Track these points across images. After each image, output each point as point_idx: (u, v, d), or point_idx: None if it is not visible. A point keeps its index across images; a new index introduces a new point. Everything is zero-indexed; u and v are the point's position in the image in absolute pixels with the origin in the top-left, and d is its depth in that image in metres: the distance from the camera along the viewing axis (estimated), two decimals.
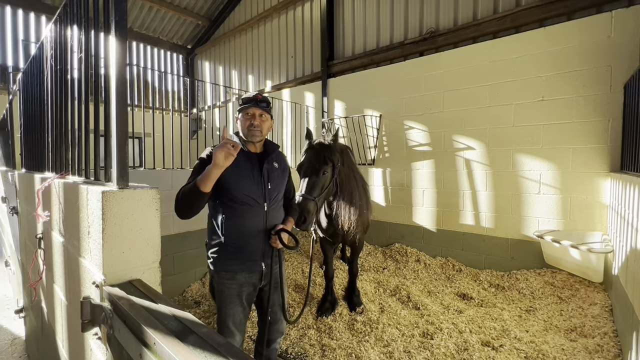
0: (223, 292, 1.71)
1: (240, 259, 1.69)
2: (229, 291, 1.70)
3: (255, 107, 1.73)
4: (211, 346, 0.63)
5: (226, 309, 1.71)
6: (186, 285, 3.81)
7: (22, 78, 2.66)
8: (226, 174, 1.56)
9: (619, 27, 3.05)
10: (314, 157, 2.40)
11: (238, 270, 1.69)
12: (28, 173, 2.32)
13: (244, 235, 1.68)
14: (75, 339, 1.29)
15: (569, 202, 3.32)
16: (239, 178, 1.66)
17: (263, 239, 1.73)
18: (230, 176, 1.62)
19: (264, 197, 1.72)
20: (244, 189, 1.66)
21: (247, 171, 1.70)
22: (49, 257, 1.64)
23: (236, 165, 1.62)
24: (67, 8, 1.46)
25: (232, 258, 1.69)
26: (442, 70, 4.19)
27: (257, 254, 1.72)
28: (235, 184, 1.65)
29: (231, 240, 1.67)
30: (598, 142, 3.16)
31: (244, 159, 1.70)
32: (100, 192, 0.97)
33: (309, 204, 2.23)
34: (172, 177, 3.64)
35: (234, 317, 1.72)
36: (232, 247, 1.68)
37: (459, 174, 4.08)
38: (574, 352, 2.27)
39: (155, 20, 8.30)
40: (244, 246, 1.68)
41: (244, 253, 1.69)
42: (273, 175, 1.78)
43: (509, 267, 3.68)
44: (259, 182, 1.71)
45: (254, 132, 1.73)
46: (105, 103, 1.09)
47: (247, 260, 1.70)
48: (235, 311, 1.72)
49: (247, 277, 1.72)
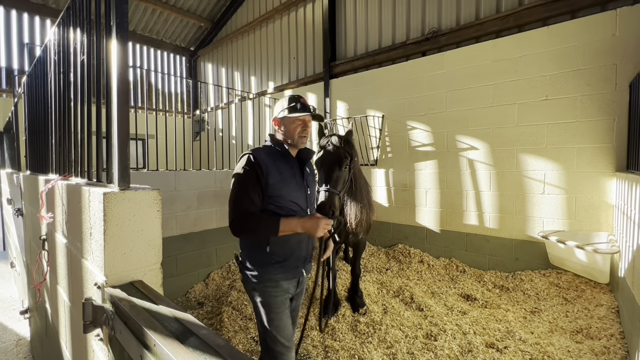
0: (270, 303, 1.60)
1: (284, 267, 1.62)
2: (276, 300, 1.60)
3: (309, 115, 1.68)
4: (211, 348, 0.63)
5: (275, 321, 1.59)
6: (189, 286, 3.82)
7: (26, 81, 2.69)
8: (273, 180, 1.55)
9: (624, 25, 3.01)
10: (336, 151, 2.34)
11: (281, 279, 1.61)
12: (32, 175, 2.34)
13: (290, 244, 1.61)
14: (78, 340, 1.29)
15: (574, 202, 3.29)
16: (285, 184, 1.60)
17: (306, 245, 1.68)
18: (277, 182, 1.57)
19: (306, 202, 1.69)
20: (290, 195, 1.61)
21: (291, 177, 1.63)
22: (53, 259, 1.65)
23: (279, 171, 1.59)
24: (70, 11, 1.47)
25: (277, 267, 1.61)
26: (444, 70, 4.18)
27: (299, 261, 1.66)
28: (282, 190, 1.59)
29: (277, 249, 1.59)
30: (603, 141, 3.13)
31: (285, 164, 1.65)
32: (101, 193, 0.97)
33: (334, 197, 2.09)
34: (175, 179, 3.65)
35: (285, 330, 1.61)
36: (278, 256, 1.60)
37: (462, 174, 4.06)
38: (580, 354, 2.24)
39: (158, 22, 8.36)
40: (289, 255, 1.62)
41: (288, 261, 1.62)
42: (309, 181, 1.75)
43: (513, 267, 3.65)
44: (301, 187, 1.67)
45: (304, 140, 1.68)
46: (107, 105, 1.10)
47: (290, 268, 1.63)
48: (285, 323, 1.62)
49: (290, 285, 1.65)
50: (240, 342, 2.67)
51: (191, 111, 9.27)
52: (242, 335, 2.76)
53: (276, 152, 1.67)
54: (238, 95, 7.45)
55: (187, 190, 3.75)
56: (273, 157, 1.62)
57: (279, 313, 1.60)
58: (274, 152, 1.66)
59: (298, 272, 1.66)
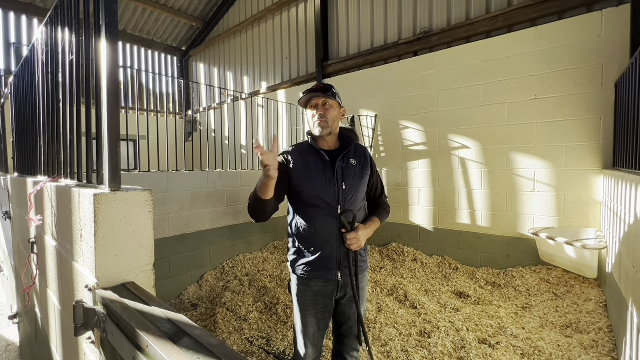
0: (299, 298, 1.60)
1: (313, 265, 1.55)
2: (303, 298, 1.58)
3: (317, 97, 1.55)
4: (204, 347, 0.63)
5: (300, 316, 1.60)
6: (183, 288, 3.79)
7: (13, 81, 2.64)
8: (296, 176, 1.52)
9: (609, 26, 3.08)
10: None
11: (312, 277, 1.55)
12: (20, 177, 2.29)
13: (316, 241, 1.54)
14: (69, 343, 1.28)
15: (563, 200, 3.35)
16: (309, 179, 1.53)
17: (338, 246, 1.53)
18: (300, 178, 1.53)
19: (337, 199, 1.53)
20: (314, 190, 1.52)
21: (318, 172, 1.54)
22: (42, 262, 1.62)
23: (306, 166, 1.54)
24: (58, 10, 1.45)
25: (306, 264, 1.56)
26: (436, 70, 4.22)
27: (331, 262, 1.54)
28: (306, 185, 1.52)
29: (304, 245, 1.56)
30: (590, 139, 3.20)
31: (314, 158, 1.57)
32: (92, 195, 0.96)
33: None
34: (168, 180, 3.62)
35: (306, 328, 1.58)
36: (306, 252, 1.57)
37: (455, 173, 4.10)
38: (570, 348, 2.29)
39: (149, 22, 8.26)
40: (316, 253, 1.54)
41: (317, 260, 1.54)
42: (348, 174, 1.57)
43: (504, 264, 3.70)
44: (331, 182, 1.53)
45: (320, 124, 1.54)
46: (97, 105, 1.09)
47: (321, 268, 1.54)
48: (308, 322, 1.58)
49: (321, 286, 1.56)
50: (235, 343, 2.66)
51: (183, 112, 9.19)
52: (237, 336, 2.76)
53: (308, 148, 1.61)
54: (230, 95, 7.41)
55: (179, 192, 3.72)
56: (304, 153, 1.59)
57: (304, 311, 1.58)
58: (306, 148, 1.62)
59: (332, 275, 1.54)
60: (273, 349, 2.58)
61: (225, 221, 4.24)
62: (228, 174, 4.26)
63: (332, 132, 1.60)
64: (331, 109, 1.57)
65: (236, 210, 4.36)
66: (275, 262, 4.29)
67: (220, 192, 4.13)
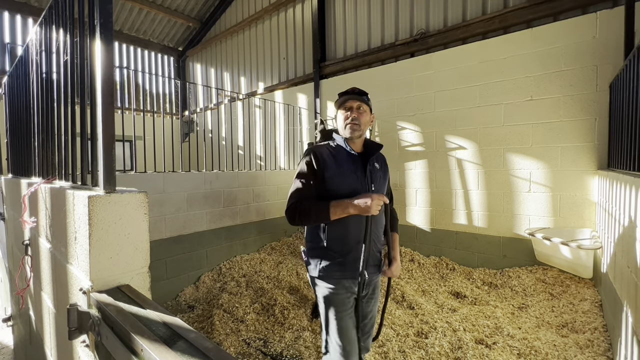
0: (331, 300, 1.54)
1: (342, 265, 1.54)
2: (337, 297, 1.53)
3: (353, 99, 1.58)
4: (199, 351, 0.62)
5: (337, 321, 1.51)
6: (179, 289, 3.77)
7: (7, 81, 2.61)
8: (330, 176, 1.52)
9: (603, 28, 3.11)
10: None
11: (341, 277, 1.54)
12: (14, 178, 2.27)
13: (347, 241, 1.54)
14: (63, 347, 1.26)
15: (559, 200, 3.37)
16: (342, 177, 1.54)
17: (367, 245, 1.55)
18: (334, 178, 1.53)
19: None
20: (348, 189, 1.53)
21: (350, 172, 1.56)
22: (36, 264, 1.60)
23: (338, 165, 1.54)
24: (53, 10, 1.44)
25: (335, 264, 1.54)
26: (432, 71, 4.23)
27: (359, 261, 1.54)
28: (339, 184, 1.53)
29: (333, 245, 1.54)
30: (585, 140, 3.22)
31: (345, 159, 1.58)
32: (86, 197, 0.95)
33: None
34: (164, 181, 3.60)
35: (347, 334, 1.51)
36: (335, 252, 1.54)
37: (452, 174, 4.12)
38: (566, 347, 2.30)
39: (146, 22, 8.23)
40: (347, 253, 1.54)
41: (346, 260, 1.54)
42: (376, 177, 1.62)
43: (501, 265, 3.72)
44: (362, 183, 1.56)
45: (353, 127, 1.58)
46: (92, 106, 1.08)
47: (350, 267, 1.54)
48: (347, 325, 1.52)
49: (352, 286, 1.56)
50: (232, 344, 2.65)
51: (180, 112, 9.15)
52: (234, 337, 2.74)
53: (337, 147, 1.63)
54: (227, 96, 7.39)
55: (176, 192, 3.70)
56: (334, 152, 1.59)
57: (340, 312, 1.52)
58: (336, 147, 1.63)
59: (360, 274, 1.54)
60: (270, 351, 2.57)
61: (222, 222, 4.22)
62: (225, 175, 4.25)
63: (362, 135, 1.64)
64: (364, 113, 1.62)
65: (233, 211, 4.35)
66: (273, 263, 4.28)
67: (217, 193, 4.12)
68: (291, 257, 4.50)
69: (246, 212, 4.55)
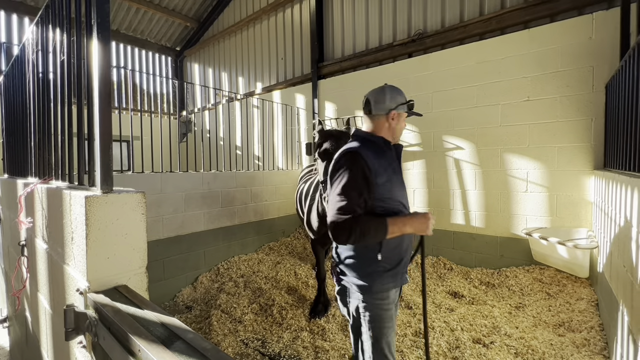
0: (382, 317, 1.43)
1: (393, 274, 1.45)
2: (387, 314, 1.44)
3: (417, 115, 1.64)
4: (197, 351, 0.62)
5: (387, 336, 1.44)
6: (177, 290, 3.76)
7: (3, 81, 2.59)
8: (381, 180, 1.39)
9: (599, 29, 3.13)
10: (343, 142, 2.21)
11: (391, 288, 1.45)
12: (10, 179, 2.25)
13: (402, 249, 1.47)
14: (60, 348, 1.26)
15: (556, 200, 3.39)
16: (392, 183, 1.44)
17: (410, 251, 1.53)
18: (386, 182, 1.41)
19: (407, 201, 1.54)
20: (397, 194, 1.46)
21: (394, 175, 1.47)
22: (33, 265, 1.59)
23: (385, 170, 1.43)
24: (49, 10, 1.43)
25: (388, 276, 1.44)
26: (430, 72, 4.24)
27: (405, 266, 1.50)
28: (391, 190, 1.43)
29: (389, 256, 1.43)
30: (582, 140, 3.24)
31: (387, 162, 1.47)
32: (83, 197, 0.95)
33: None
34: (162, 181, 3.59)
35: (394, 346, 1.47)
36: (389, 263, 1.43)
37: (449, 174, 4.13)
38: (562, 346, 2.31)
39: (143, 22, 8.19)
40: (399, 260, 1.46)
41: (398, 268, 1.46)
42: None
43: (498, 264, 3.73)
44: (403, 184, 1.51)
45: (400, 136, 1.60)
46: (89, 106, 1.07)
47: (399, 274, 1.47)
48: (394, 338, 1.48)
49: (395, 293, 1.50)
50: (230, 345, 2.64)
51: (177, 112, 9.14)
52: (232, 338, 2.74)
53: (377, 149, 1.48)
54: (225, 96, 7.37)
55: (173, 193, 3.69)
56: (376, 155, 1.45)
57: (389, 328, 1.45)
58: (376, 149, 1.47)
59: (404, 279, 1.50)
60: (268, 351, 2.57)
61: (220, 222, 4.21)
62: (223, 175, 4.24)
63: None
64: None
65: (231, 211, 4.34)
66: (271, 263, 4.28)
67: (215, 193, 4.11)
68: (289, 257, 4.50)
69: (244, 213, 4.54)
